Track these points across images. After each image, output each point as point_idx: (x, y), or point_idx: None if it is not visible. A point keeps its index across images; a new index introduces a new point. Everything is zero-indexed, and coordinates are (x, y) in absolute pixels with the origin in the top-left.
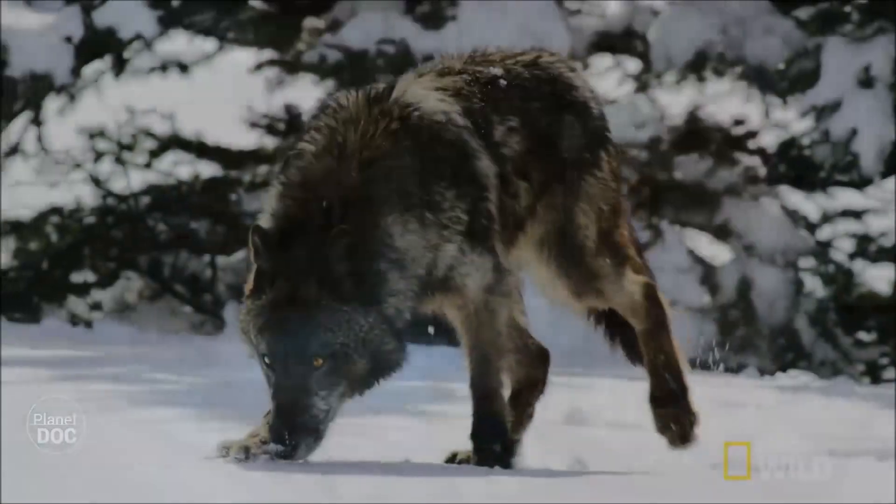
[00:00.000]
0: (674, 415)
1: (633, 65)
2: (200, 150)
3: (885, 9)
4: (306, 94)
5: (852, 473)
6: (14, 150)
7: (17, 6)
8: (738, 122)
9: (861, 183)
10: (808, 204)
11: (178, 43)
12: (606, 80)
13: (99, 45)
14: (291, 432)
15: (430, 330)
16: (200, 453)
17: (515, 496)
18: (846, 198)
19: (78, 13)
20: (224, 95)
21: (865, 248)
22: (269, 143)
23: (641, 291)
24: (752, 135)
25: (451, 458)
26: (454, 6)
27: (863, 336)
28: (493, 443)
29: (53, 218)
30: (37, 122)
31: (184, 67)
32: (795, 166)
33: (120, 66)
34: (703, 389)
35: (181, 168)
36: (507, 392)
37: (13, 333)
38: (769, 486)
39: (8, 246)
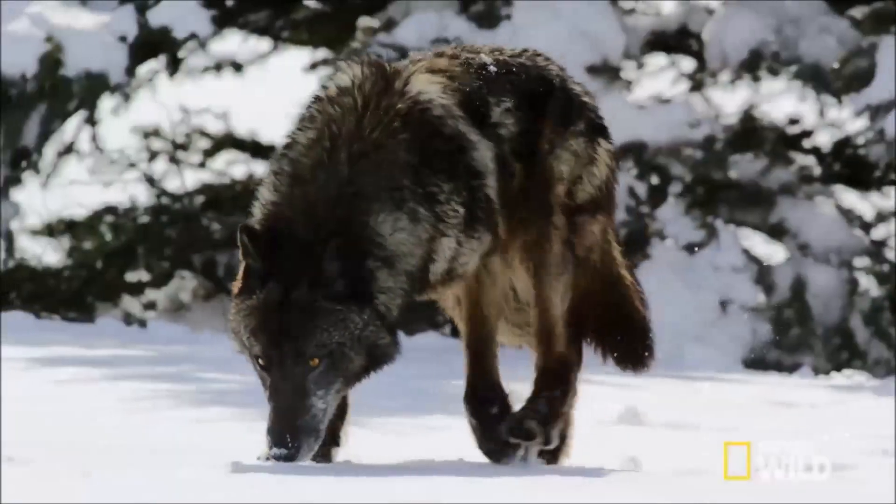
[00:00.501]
0: (526, 431)
1: (687, 64)
2: (255, 149)
3: None
4: None
5: None
6: (69, 150)
7: (72, 6)
8: (793, 122)
9: None
10: (862, 203)
11: (233, 42)
12: (661, 79)
13: (153, 44)
14: (293, 434)
15: None
16: (252, 453)
17: (567, 495)
18: None
19: (132, 13)
20: (278, 95)
21: None
22: None
23: (566, 337)
24: (806, 134)
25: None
26: (508, 5)
27: None
28: (490, 406)
29: (108, 217)
30: (91, 121)
31: (238, 67)
32: (850, 165)
33: (174, 66)
34: (757, 389)
35: (235, 167)
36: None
37: (67, 332)
38: (822, 485)
39: (63, 245)
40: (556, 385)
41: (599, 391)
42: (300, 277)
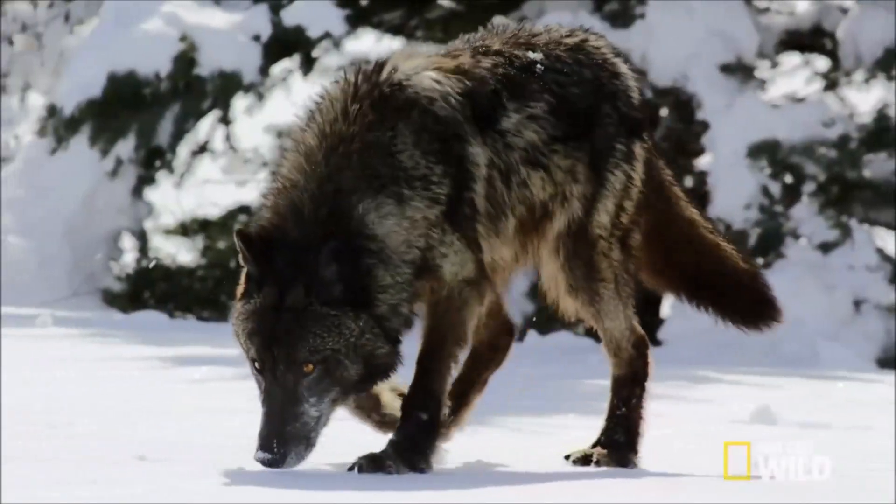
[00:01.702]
0: (607, 461)
1: (821, 63)
2: None
3: None
4: None
5: None
6: (203, 149)
7: (207, 5)
8: None
9: None
10: None
11: (367, 41)
12: (795, 78)
13: (287, 43)
14: (280, 440)
15: None
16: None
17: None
18: None
19: (266, 12)
20: None
21: None
22: None
23: (633, 337)
24: None
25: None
26: (642, 5)
27: None
28: (422, 412)
29: (242, 216)
30: (225, 120)
31: None
32: None
33: (308, 65)
34: (891, 388)
35: None
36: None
37: (201, 332)
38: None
39: (196, 245)
40: (633, 387)
41: (733, 390)
42: (295, 281)
